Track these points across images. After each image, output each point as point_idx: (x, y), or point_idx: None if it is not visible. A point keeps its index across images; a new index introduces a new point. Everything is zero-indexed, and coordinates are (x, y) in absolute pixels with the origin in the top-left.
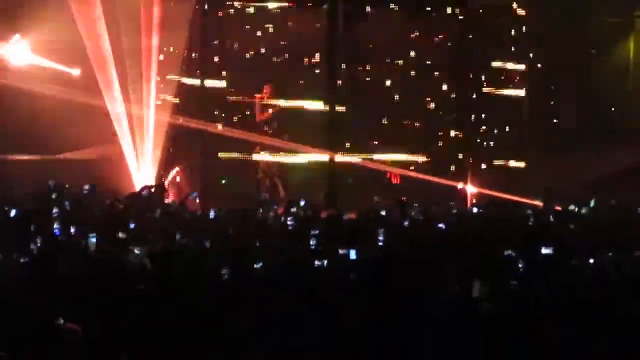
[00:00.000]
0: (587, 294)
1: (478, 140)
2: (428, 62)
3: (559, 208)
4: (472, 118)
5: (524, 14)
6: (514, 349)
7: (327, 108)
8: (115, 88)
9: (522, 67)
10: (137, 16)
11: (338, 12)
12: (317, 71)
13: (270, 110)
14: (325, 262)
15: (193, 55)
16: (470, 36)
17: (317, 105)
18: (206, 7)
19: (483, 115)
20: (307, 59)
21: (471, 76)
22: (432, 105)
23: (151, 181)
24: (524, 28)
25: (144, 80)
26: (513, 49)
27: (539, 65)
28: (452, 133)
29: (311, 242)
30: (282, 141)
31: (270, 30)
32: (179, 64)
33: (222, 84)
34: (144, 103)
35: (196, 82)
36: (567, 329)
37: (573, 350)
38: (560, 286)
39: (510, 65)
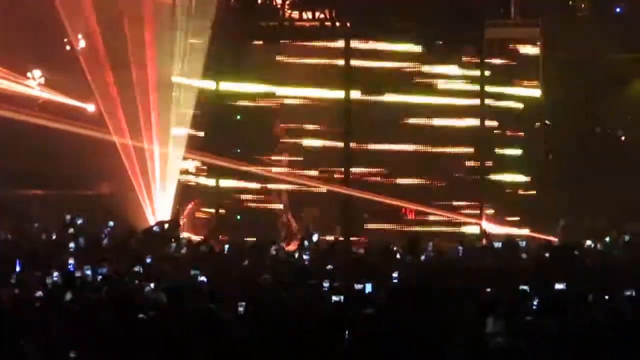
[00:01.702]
0: (601, 332)
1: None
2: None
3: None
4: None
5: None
6: None
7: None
8: (129, 122)
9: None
10: (156, 50)
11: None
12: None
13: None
14: (342, 297)
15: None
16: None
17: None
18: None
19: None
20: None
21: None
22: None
23: (166, 216)
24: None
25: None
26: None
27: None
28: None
29: (325, 281)
30: (297, 176)
31: (287, 64)
32: (194, 96)
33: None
34: (159, 138)
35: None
36: None
37: None
38: (573, 323)
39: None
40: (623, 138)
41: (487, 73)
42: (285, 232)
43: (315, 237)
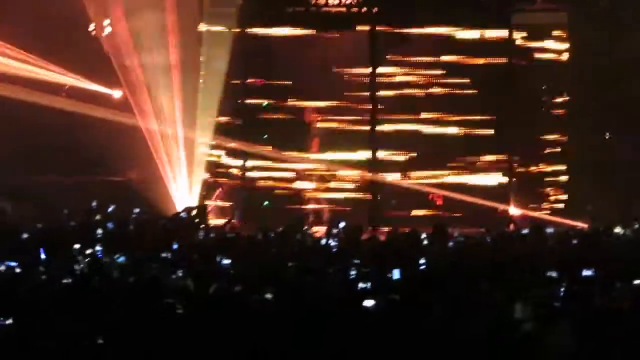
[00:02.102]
0: (627, 319)
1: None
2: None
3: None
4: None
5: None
6: None
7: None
8: (155, 108)
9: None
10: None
11: (379, 35)
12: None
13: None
14: (369, 284)
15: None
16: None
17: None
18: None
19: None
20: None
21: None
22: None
23: (193, 202)
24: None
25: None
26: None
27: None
28: (493, 157)
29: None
30: (323, 163)
31: (313, 53)
32: (221, 83)
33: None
34: (187, 124)
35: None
36: (609, 352)
37: None
38: (600, 310)
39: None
40: None
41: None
42: (313, 218)
43: (342, 224)
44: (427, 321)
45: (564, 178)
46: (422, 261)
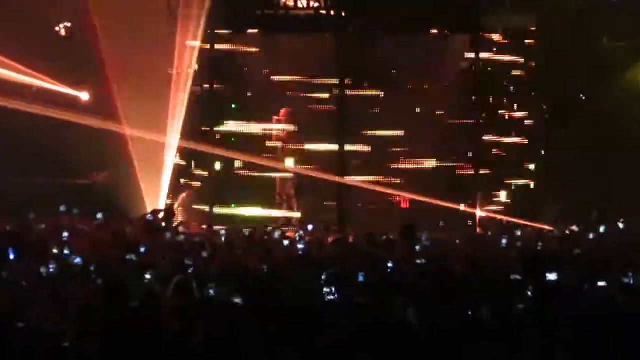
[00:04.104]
0: (594, 321)
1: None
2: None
3: (568, 232)
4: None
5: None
6: None
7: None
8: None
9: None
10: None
11: (346, 37)
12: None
13: (284, 131)
14: (334, 287)
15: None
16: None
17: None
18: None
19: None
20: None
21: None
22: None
23: (161, 205)
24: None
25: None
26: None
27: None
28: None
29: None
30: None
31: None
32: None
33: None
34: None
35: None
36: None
37: None
38: (567, 312)
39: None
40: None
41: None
42: (282, 220)
43: (310, 227)
44: (394, 323)
45: (528, 181)
46: (389, 264)
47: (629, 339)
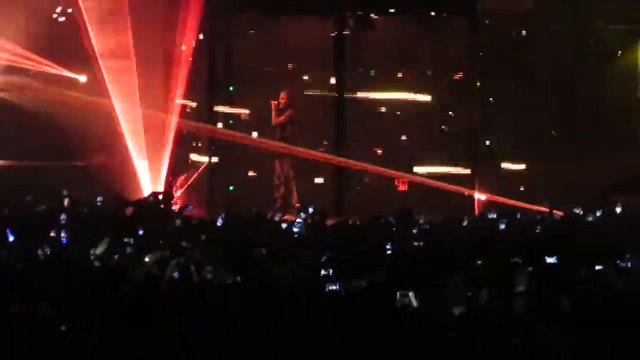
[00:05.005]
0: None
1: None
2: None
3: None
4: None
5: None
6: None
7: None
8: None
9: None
10: (150, 17)
11: (346, 21)
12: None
13: (285, 115)
14: (332, 270)
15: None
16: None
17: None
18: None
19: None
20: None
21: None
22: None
23: (160, 187)
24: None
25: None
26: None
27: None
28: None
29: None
30: (293, 147)
31: (281, 39)
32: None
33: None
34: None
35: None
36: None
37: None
38: (565, 296)
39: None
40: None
41: None
42: (281, 203)
43: (311, 209)
44: (394, 308)
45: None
46: (388, 246)
47: (628, 324)
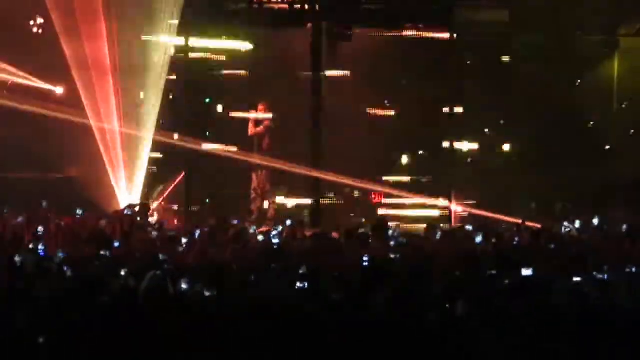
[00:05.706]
0: (566, 316)
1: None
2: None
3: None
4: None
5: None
6: None
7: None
8: (100, 105)
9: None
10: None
11: (321, 31)
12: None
13: (262, 126)
14: (306, 284)
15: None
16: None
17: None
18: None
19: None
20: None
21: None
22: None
23: (136, 200)
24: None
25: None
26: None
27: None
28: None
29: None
30: (271, 159)
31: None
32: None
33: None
34: (132, 122)
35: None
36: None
37: None
38: (540, 308)
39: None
40: (591, 123)
41: None
42: (257, 215)
43: (288, 222)
44: (370, 319)
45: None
46: (365, 258)
47: (603, 334)
